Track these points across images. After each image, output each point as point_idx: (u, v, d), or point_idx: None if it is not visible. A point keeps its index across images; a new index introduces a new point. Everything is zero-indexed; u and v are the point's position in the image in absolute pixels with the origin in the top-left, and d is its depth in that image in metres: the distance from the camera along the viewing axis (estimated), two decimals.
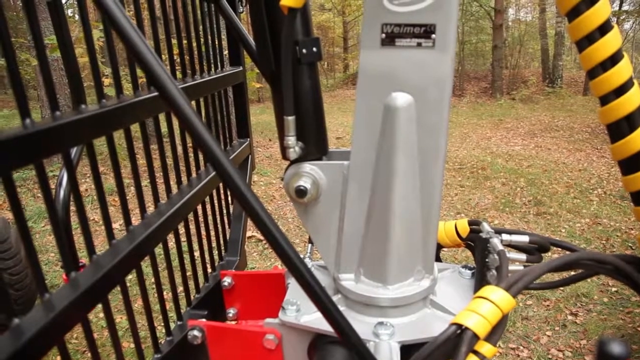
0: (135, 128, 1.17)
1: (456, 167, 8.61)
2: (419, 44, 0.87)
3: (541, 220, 6.19)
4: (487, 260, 1.06)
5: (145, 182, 1.75)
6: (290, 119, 0.93)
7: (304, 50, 0.91)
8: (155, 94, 1.13)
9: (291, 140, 0.94)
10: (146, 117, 1.14)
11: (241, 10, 1.76)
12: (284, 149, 0.96)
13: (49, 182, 0.83)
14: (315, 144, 1.00)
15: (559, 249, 1.16)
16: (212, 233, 1.67)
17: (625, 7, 23.05)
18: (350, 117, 14.64)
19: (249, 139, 1.94)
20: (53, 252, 5.54)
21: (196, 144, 0.70)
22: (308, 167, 0.99)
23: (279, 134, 1.00)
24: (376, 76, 0.90)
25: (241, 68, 1.87)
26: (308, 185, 0.97)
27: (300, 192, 0.97)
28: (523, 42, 24.60)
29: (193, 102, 1.46)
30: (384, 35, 0.87)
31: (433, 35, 0.86)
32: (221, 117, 1.71)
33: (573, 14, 0.85)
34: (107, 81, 8.00)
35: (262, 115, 13.58)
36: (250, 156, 1.95)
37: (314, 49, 0.93)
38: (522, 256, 1.11)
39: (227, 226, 1.86)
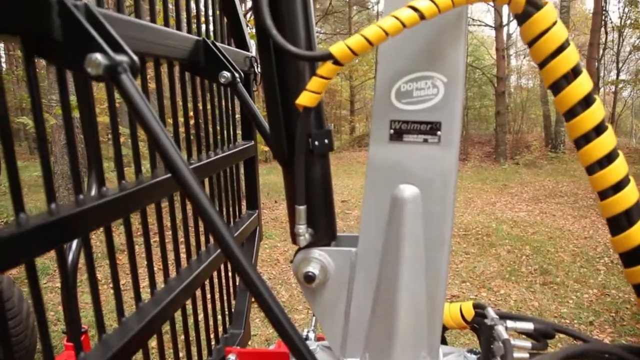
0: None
1: (461, 234, 8.58)
2: (425, 140, 0.92)
3: (548, 290, 6.09)
4: (492, 347, 1.07)
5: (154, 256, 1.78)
6: (302, 209, 0.97)
7: (317, 143, 0.97)
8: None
9: (302, 228, 0.98)
10: (162, 197, 1.19)
11: (255, 88, 1.86)
12: (294, 235, 1.00)
13: (67, 267, 0.86)
14: (324, 231, 1.03)
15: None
16: (218, 304, 1.67)
17: (622, 76, 23.72)
18: (355, 179, 14.77)
19: (257, 211, 1.98)
20: (53, 310, 5.48)
21: (205, 225, 0.75)
22: (317, 252, 1.02)
23: (290, 220, 1.04)
24: (384, 169, 0.95)
25: (252, 142, 1.94)
26: (316, 272, 1.00)
27: (309, 278, 1.00)
28: (525, 108, 25.15)
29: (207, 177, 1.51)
30: (392, 131, 0.93)
31: (438, 132, 0.91)
32: (232, 190, 1.76)
33: (555, 88, 0.91)
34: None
35: (268, 176, 13.73)
36: (258, 227, 1.98)
37: (326, 141, 0.98)
38: (527, 344, 1.12)
39: (232, 297, 1.86)
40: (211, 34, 1.62)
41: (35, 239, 0.76)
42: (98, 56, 0.73)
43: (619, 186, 0.91)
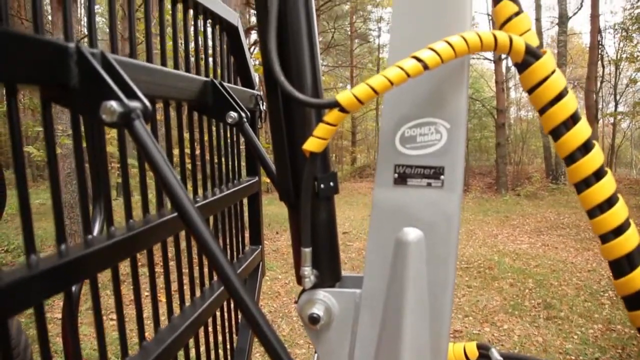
0: None
1: (463, 266, 8.53)
2: (429, 184, 0.94)
3: (552, 325, 6.01)
4: None
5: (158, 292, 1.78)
6: (307, 251, 0.98)
7: (322, 186, 0.99)
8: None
9: (307, 270, 0.99)
10: (168, 235, 1.20)
11: (260, 126, 1.89)
12: (299, 277, 1.01)
13: (72, 307, 0.87)
14: (329, 272, 1.04)
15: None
16: (220, 339, 1.66)
17: (620, 108, 23.99)
18: (357, 210, 14.77)
19: (260, 246, 1.99)
20: (51, 341, 5.41)
21: (210, 264, 0.76)
22: (322, 294, 1.03)
23: (295, 261, 1.05)
24: (388, 212, 0.96)
25: (257, 178, 1.96)
26: (321, 313, 1.00)
27: (314, 320, 1.00)
28: (525, 140, 25.34)
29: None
30: (396, 175, 0.95)
31: (442, 177, 0.93)
32: (236, 226, 1.78)
33: (554, 134, 0.93)
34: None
35: (270, 207, 13.73)
36: (261, 263, 1.98)
37: (332, 184, 1.00)
38: None
39: (234, 333, 1.85)
40: (219, 72, 1.66)
41: (46, 281, 0.77)
42: (113, 104, 0.75)
43: (619, 230, 0.93)
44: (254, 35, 10.45)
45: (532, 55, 0.90)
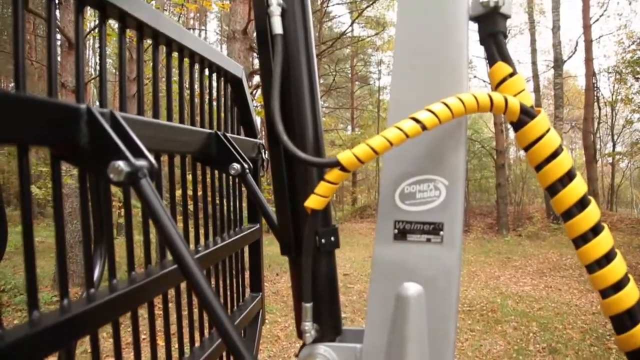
0: None
1: (465, 309, 8.40)
2: (429, 240, 0.95)
3: None
4: None
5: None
6: (308, 306, 0.99)
7: (323, 241, 1.00)
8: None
9: (308, 325, 0.99)
10: (169, 287, 1.20)
11: (262, 174, 1.92)
12: (300, 332, 1.01)
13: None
14: (330, 326, 1.04)
15: None
16: None
17: (618, 148, 24.19)
18: (358, 251, 14.66)
19: (260, 294, 1.98)
20: None
21: (209, 317, 0.77)
22: (322, 348, 1.03)
23: (296, 316, 1.05)
24: (389, 267, 0.97)
25: (258, 226, 1.97)
26: None
27: None
28: (525, 180, 25.40)
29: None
30: (396, 230, 0.96)
31: (441, 232, 0.95)
32: (236, 273, 1.78)
33: (551, 191, 0.95)
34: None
35: (270, 247, 13.60)
36: (261, 310, 1.97)
37: (332, 239, 1.02)
38: None
39: None
40: (222, 123, 1.71)
41: (48, 338, 0.78)
42: (121, 163, 0.78)
43: (619, 285, 0.93)
44: (256, 78, 10.68)
45: (526, 114, 0.93)
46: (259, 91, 9.31)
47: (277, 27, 0.98)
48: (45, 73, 0.86)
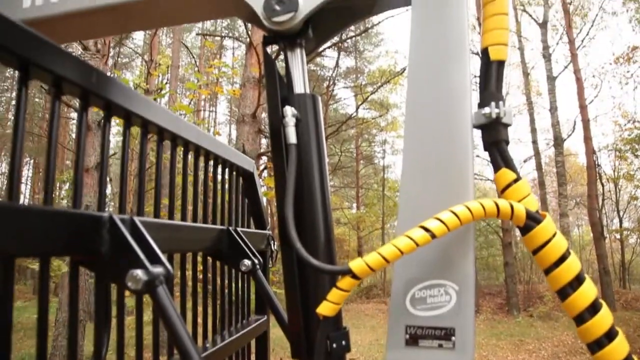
0: None
1: None
2: (440, 345, 0.95)
3: None
4: None
5: None
6: None
7: (335, 345, 1.00)
8: None
9: None
10: None
11: (271, 265, 1.93)
12: None
13: None
14: None
15: None
16: None
17: (625, 224, 24.01)
18: (364, 334, 14.18)
19: None
20: None
21: None
22: None
23: None
24: None
25: (265, 317, 1.95)
26: None
27: None
28: (533, 258, 25.00)
29: None
30: (407, 336, 0.96)
31: (453, 338, 0.95)
32: None
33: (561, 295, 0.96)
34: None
35: (275, 329, 13.20)
36: None
37: (343, 342, 1.01)
38: None
39: None
40: (233, 217, 1.74)
41: None
42: (139, 272, 0.80)
43: None
44: (263, 159, 10.93)
45: (533, 220, 0.96)
46: (266, 173, 9.50)
47: (292, 137, 1.04)
48: (72, 187, 0.90)
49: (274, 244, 1.91)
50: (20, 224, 0.71)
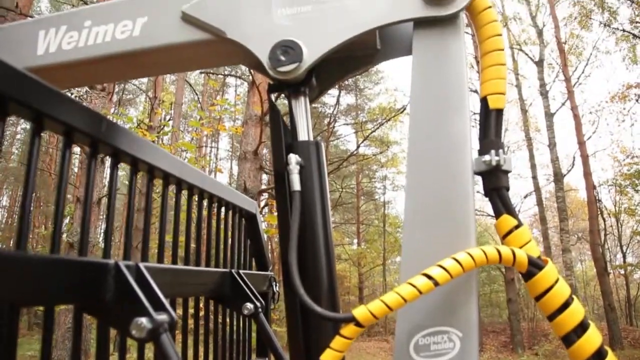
0: None
1: None
2: None
3: None
4: None
5: None
6: None
7: None
8: None
9: None
10: None
11: (273, 307, 1.91)
12: None
13: None
14: None
15: None
16: None
17: (629, 259, 23.80)
18: None
19: None
20: None
21: None
22: None
23: None
24: None
25: None
26: None
27: None
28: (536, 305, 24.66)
29: None
30: None
31: None
32: None
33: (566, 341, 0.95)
34: None
35: None
36: None
37: None
38: None
39: None
40: (235, 256, 1.74)
41: None
42: (143, 320, 0.80)
43: None
44: (265, 195, 10.95)
45: (535, 266, 0.96)
46: (267, 210, 9.50)
47: (296, 184, 1.06)
48: (79, 232, 0.91)
49: (275, 285, 1.90)
50: (27, 273, 0.71)
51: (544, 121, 19.93)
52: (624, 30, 18.44)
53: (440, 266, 0.90)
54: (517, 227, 1.02)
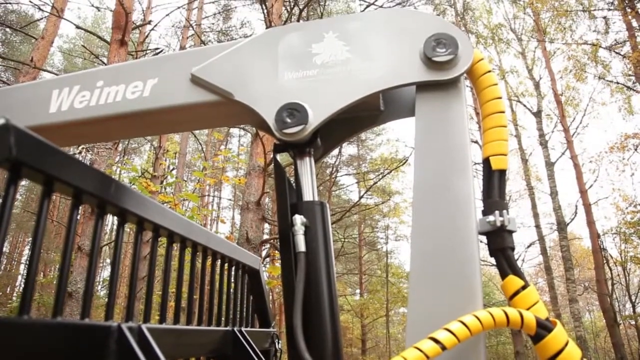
0: None
1: None
2: None
3: None
4: None
5: None
6: None
7: None
8: None
9: None
10: None
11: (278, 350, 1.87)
12: None
13: None
14: None
15: None
16: None
17: (639, 310, 23.22)
18: None
19: None
20: None
21: None
22: None
23: None
24: None
25: None
26: None
27: None
28: None
29: None
30: None
31: None
32: None
33: None
34: None
35: None
36: None
37: None
38: None
39: None
40: (237, 313, 1.72)
41: None
42: None
43: None
44: (267, 245, 10.89)
45: (543, 328, 0.95)
46: (270, 261, 9.41)
47: (301, 245, 1.07)
48: (82, 297, 0.91)
49: (278, 343, 1.86)
50: (29, 339, 0.70)
51: (545, 170, 20.02)
52: (617, 83, 18.85)
53: (447, 329, 0.89)
54: (524, 287, 1.02)
